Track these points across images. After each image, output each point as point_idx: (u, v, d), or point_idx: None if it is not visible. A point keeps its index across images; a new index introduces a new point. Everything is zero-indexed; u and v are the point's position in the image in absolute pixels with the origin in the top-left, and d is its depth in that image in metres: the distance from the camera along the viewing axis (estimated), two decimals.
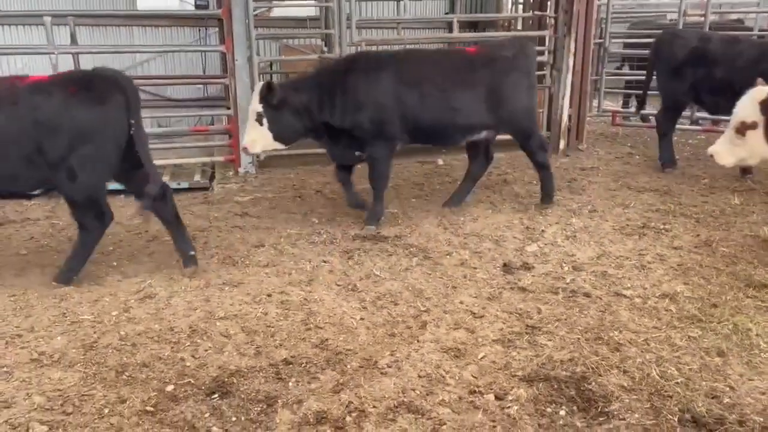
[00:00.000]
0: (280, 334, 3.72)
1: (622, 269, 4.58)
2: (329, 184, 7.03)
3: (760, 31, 9.67)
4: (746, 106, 4.49)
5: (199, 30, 11.30)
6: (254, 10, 10.47)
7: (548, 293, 4.23)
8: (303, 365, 3.39)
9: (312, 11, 10.98)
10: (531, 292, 4.26)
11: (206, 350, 3.55)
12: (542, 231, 5.46)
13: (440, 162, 7.99)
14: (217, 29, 9.62)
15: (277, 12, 12.55)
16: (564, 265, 4.71)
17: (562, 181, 7.01)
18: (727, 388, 3.07)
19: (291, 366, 3.38)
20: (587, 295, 4.17)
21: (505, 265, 4.72)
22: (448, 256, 4.94)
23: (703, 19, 8.54)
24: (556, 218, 5.77)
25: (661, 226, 5.43)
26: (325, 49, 8.36)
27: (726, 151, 4.67)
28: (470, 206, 6.17)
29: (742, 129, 4.51)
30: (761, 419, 2.82)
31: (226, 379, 3.26)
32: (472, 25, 11.32)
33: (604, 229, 5.45)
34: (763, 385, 3.09)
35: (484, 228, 5.56)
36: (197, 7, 10.81)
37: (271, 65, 11.46)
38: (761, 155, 4.58)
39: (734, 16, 11.51)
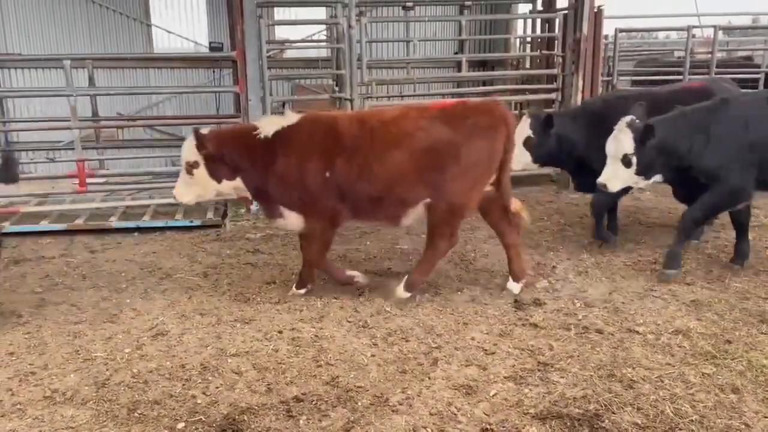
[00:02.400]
0: (291, 371, 3.72)
1: (634, 305, 4.55)
2: None
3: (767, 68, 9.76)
4: (187, 149, 4.63)
5: (213, 71, 11.59)
6: (267, 52, 10.82)
7: (560, 329, 4.21)
8: (314, 402, 3.38)
9: (324, 52, 11.25)
10: (543, 328, 4.24)
11: (217, 387, 3.55)
12: (553, 267, 5.46)
13: None
14: (230, 70, 9.88)
15: (289, 53, 12.87)
16: (576, 301, 4.69)
17: (574, 216, 7.03)
18: (743, 426, 3.02)
19: (302, 403, 3.37)
20: (599, 331, 4.14)
21: (516, 301, 4.72)
22: (459, 292, 4.95)
23: (710, 56, 8.64)
24: (567, 254, 5.77)
25: None
26: (337, 88, 8.52)
27: (184, 190, 4.78)
28: (481, 242, 6.19)
29: (189, 169, 4.65)
30: None
31: (237, 417, 3.25)
32: (481, 65, 11.53)
33: (615, 265, 5.44)
34: None
35: (494, 264, 5.56)
36: (211, 49, 11.14)
37: (283, 105, 11.70)
38: (214, 188, 4.76)
39: (742, 54, 11.65)
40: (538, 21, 9.35)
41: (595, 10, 7.96)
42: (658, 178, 5.12)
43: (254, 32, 7.00)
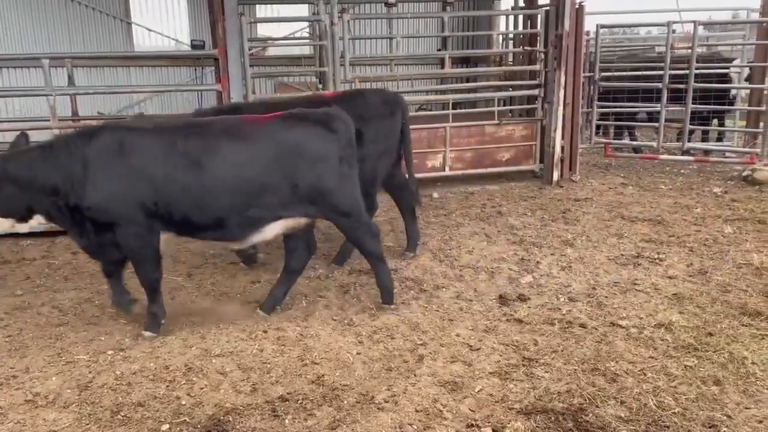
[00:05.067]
0: (276, 371, 3.70)
1: (617, 299, 4.59)
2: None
3: (748, 63, 9.87)
4: None
5: (195, 69, 11.51)
6: (250, 50, 10.74)
7: (544, 324, 4.23)
8: (299, 402, 3.36)
9: (307, 50, 11.21)
10: (527, 323, 4.27)
11: (202, 388, 3.52)
12: (537, 262, 5.48)
13: (435, 195, 8.06)
14: (212, 68, 9.80)
15: (272, 51, 12.81)
16: (560, 296, 4.72)
17: (557, 212, 7.07)
18: (725, 417, 3.06)
19: (287, 403, 3.36)
20: (583, 325, 4.17)
21: (500, 297, 4.73)
22: (444, 289, 4.96)
23: (690, 51, 8.72)
24: (551, 249, 5.80)
25: (656, 256, 5.46)
26: (320, 86, 8.48)
27: None
28: (465, 238, 6.21)
29: None
30: None
31: (222, 417, 3.23)
32: (464, 61, 11.55)
33: (598, 260, 5.48)
34: (760, 414, 3.08)
35: (479, 260, 5.58)
36: (193, 47, 11.05)
37: None
38: None
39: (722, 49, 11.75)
40: (521, 17, 9.38)
41: (577, 7, 8.00)
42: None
43: (236, 29, 6.94)
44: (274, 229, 4.30)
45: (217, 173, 4.00)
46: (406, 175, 5.74)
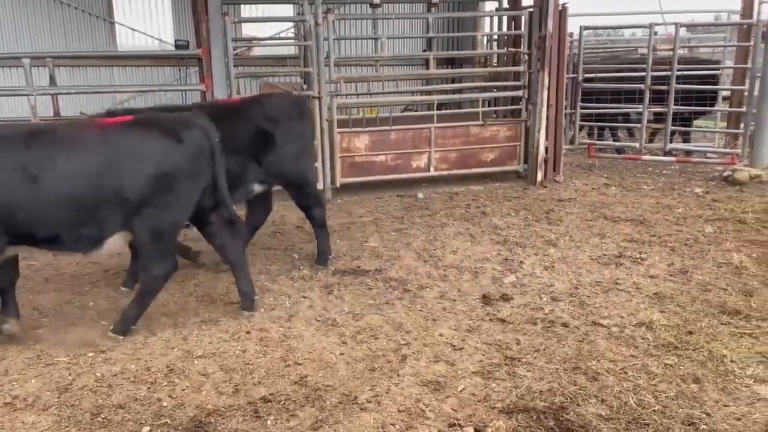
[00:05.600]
0: (259, 372, 3.68)
1: (599, 299, 4.62)
2: (307, 220, 7.06)
3: (726, 65, 10.00)
4: None
5: (180, 69, 11.44)
6: (234, 50, 10.69)
7: (527, 324, 4.25)
8: (282, 402, 3.35)
9: (293, 50, 11.18)
10: (510, 323, 4.28)
11: (183, 390, 3.50)
12: (521, 262, 5.51)
13: (420, 195, 8.07)
14: (197, 68, 9.75)
15: (257, 51, 12.77)
16: (542, 295, 4.75)
17: (540, 212, 7.11)
18: (704, 415, 3.09)
19: (269, 404, 3.34)
20: (565, 325, 4.20)
21: (484, 296, 4.75)
22: (427, 289, 4.96)
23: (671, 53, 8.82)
24: (534, 249, 5.83)
25: (637, 256, 5.51)
26: (305, 86, 8.47)
27: None
28: (450, 238, 6.22)
29: None
30: None
31: (204, 419, 3.21)
32: (450, 62, 11.58)
33: (581, 260, 5.52)
34: (738, 411, 3.11)
35: (463, 260, 5.59)
36: (177, 47, 10.98)
37: None
38: None
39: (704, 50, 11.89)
40: (505, 19, 9.42)
41: (560, 8, 8.05)
42: None
43: (219, 29, 6.92)
44: (117, 242, 4.09)
45: (46, 184, 3.71)
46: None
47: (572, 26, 10.18)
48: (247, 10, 11.83)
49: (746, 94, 8.86)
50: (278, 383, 3.56)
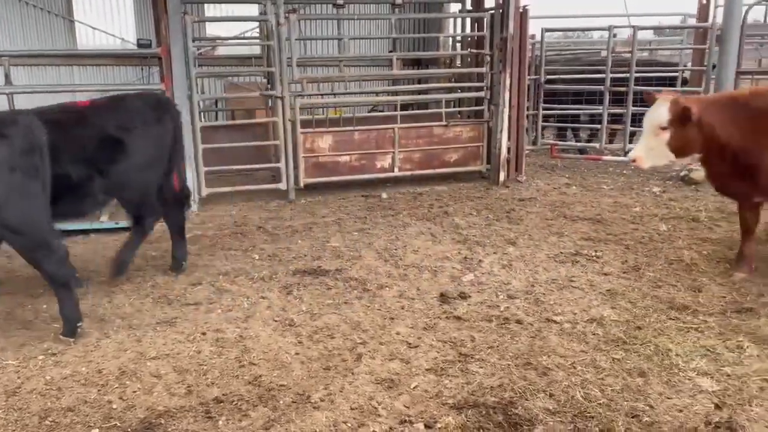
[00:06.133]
0: (213, 372, 3.67)
1: (553, 296, 4.70)
2: (272, 220, 7.05)
3: (684, 67, 10.25)
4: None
5: (142, 69, 11.29)
6: (198, 49, 10.59)
7: (482, 321, 4.30)
8: (234, 403, 3.34)
9: (257, 49, 11.12)
10: (466, 320, 4.33)
11: (134, 391, 3.47)
12: (480, 261, 5.57)
13: (384, 196, 8.10)
14: (159, 68, 9.63)
15: (222, 51, 12.67)
16: (499, 293, 4.81)
17: (502, 211, 7.20)
18: (647, 407, 3.17)
19: (222, 404, 3.33)
20: (519, 322, 4.26)
21: (442, 295, 4.79)
22: (387, 288, 4.99)
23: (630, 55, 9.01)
24: (494, 248, 5.90)
25: (593, 254, 5.61)
26: (269, 86, 8.44)
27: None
28: (412, 238, 6.26)
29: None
30: None
31: (154, 420, 3.19)
32: (416, 63, 11.63)
33: (539, 258, 5.60)
34: (680, 403, 3.20)
35: (423, 259, 5.64)
36: (139, 46, 10.84)
37: (216, 102, 11.53)
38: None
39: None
40: (468, 20, 9.50)
41: (521, 10, 8.16)
42: None
43: (179, 28, 6.85)
44: None
45: None
46: (178, 188, 5.42)
47: (535, 28, 10.35)
48: (211, 10, 11.73)
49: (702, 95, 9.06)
50: (232, 384, 3.55)
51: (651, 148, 4.77)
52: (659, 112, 4.70)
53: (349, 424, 3.15)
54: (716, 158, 4.75)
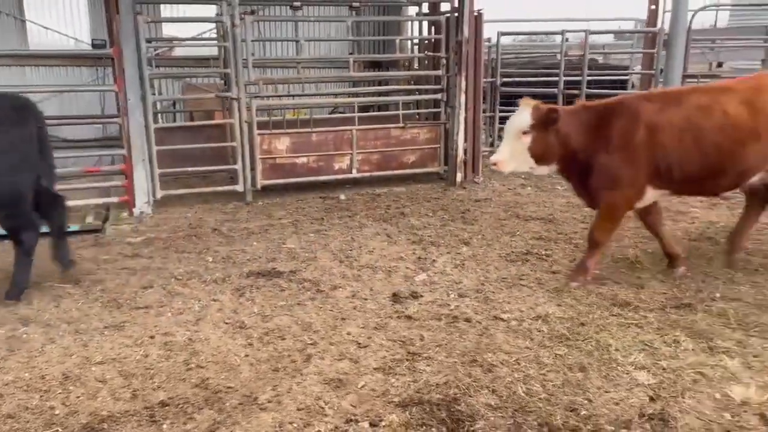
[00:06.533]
0: (159, 376, 3.64)
1: (503, 294, 4.79)
2: (227, 222, 7.02)
3: (633, 71, 10.54)
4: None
5: (97, 69, 11.08)
6: (155, 50, 10.46)
7: (432, 320, 4.36)
8: (179, 406, 3.33)
9: (215, 50, 11.01)
10: (416, 320, 4.39)
11: (78, 397, 3.42)
12: (433, 261, 5.64)
13: (342, 197, 8.13)
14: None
15: (180, 51, 12.50)
16: (450, 292, 4.88)
17: (457, 212, 7.30)
18: (586, 401, 3.27)
19: (167, 408, 3.32)
20: (468, 320, 4.34)
21: (394, 295, 4.84)
22: (340, 289, 5.02)
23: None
24: (447, 248, 5.98)
25: (543, 252, 5.74)
26: (225, 87, 8.38)
27: None
28: (368, 239, 6.30)
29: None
30: (612, 428, 3.03)
31: (97, 426, 3.16)
32: (376, 65, 11.68)
33: (491, 257, 5.70)
34: (617, 396, 3.31)
35: (378, 260, 5.68)
36: (94, 46, 10.63)
37: (174, 104, 11.38)
38: None
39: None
40: (425, 23, 9.60)
41: (475, 14, 8.29)
42: None
43: (131, 29, 6.77)
44: None
45: None
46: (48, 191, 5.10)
47: (491, 32, 10.51)
48: (168, 10, 11.58)
49: None
50: (178, 387, 3.54)
51: (513, 152, 4.82)
52: (522, 117, 4.76)
53: (295, 425, 3.16)
54: (572, 168, 4.90)
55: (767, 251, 5.51)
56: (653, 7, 9.45)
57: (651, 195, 4.88)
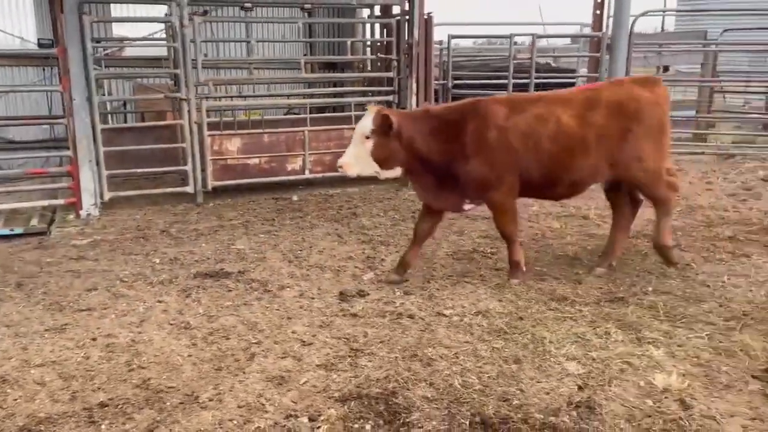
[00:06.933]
0: (100, 378, 3.63)
1: (447, 291, 4.90)
2: (177, 224, 6.97)
3: (579, 74, 10.85)
4: None
5: (44, 69, 10.84)
6: (105, 50, 10.28)
7: (377, 317, 4.45)
8: (119, 407, 3.33)
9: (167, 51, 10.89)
10: (362, 317, 4.46)
11: (15, 399, 3.39)
12: (382, 260, 5.74)
13: (295, 198, 8.16)
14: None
15: (132, 51, 12.32)
16: (396, 290, 4.97)
17: (408, 212, 7.41)
18: (518, 392, 3.39)
19: (106, 409, 3.31)
20: (411, 316, 4.43)
21: (341, 293, 4.90)
22: (288, 289, 5.06)
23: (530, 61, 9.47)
24: (397, 247, 6.07)
25: (488, 251, 5.89)
26: (175, 88, 8.32)
27: None
28: (318, 239, 6.35)
29: None
30: (542, 416, 3.15)
31: (34, 428, 3.14)
32: (332, 66, 11.72)
33: (438, 255, 5.83)
34: (548, 386, 3.44)
35: (327, 260, 5.74)
36: (40, 46, 10.42)
37: (125, 104, 11.20)
38: None
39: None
40: (377, 26, 9.69)
41: (425, 17, 8.42)
42: None
43: (76, 28, 6.67)
44: None
45: None
46: None
47: (444, 35, 10.68)
48: (118, 10, 11.41)
49: None
50: (119, 388, 3.53)
51: (357, 156, 4.86)
52: (364, 122, 4.82)
53: (235, 422, 3.20)
54: (420, 171, 4.97)
55: (700, 246, 5.78)
56: (598, 12, 9.75)
57: None
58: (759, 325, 4.10)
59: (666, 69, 15.35)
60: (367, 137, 4.80)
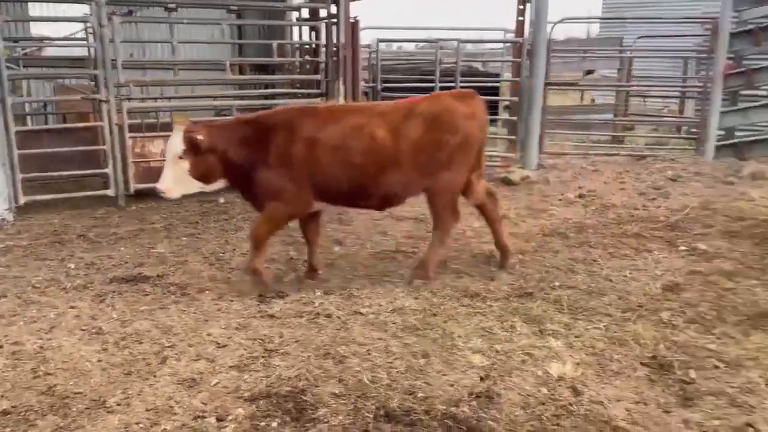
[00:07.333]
0: (4, 386, 3.56)
1: (366, 290, 5.00)
2: (96, 228, 6.82)
3: (501, 78, 11.21)
4: None
5: None
6: (24, 49, 9.93)
7: (294, 318, 4.49)
8: (22, 414, 3.28)
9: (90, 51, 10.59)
10: (278, 318, 4.50)
11: None
12: (304, 260, 5.78)
13: (221, 200, 8.09)
14: None
15: (53, 51, 11.94)
16: (316, 290, 5.02)
17: (333, 213, 7.47)
18: (424, 385, 3.53)
19: (8, 416, 3.26)
20: (329, 316, 4.51)
21: (260, 295, 4.93)
22: (207, 292, 5.05)
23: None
24: (320, 248, 6.10)
25: (410, 250, 6.04)
26: (96, 89, 8.12)
27: None
28: (242, 242, 6.34)
29: None
30: (444, 407, 3.29)
31: None
32: (262, 68, 11.66)
33: (361, 255, 5.93)
34: (453, 378, 3.59)
35: None
36: None
37: (45, 106, 10.84)
38: None
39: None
40: (306, 29, 9.73)
41: (352, 21, 8.53)
42: None
43: None
44: None
45: None
46: None
47: (371, 38, 10.81)
48: (37, 9, 11.03)
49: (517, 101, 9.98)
50: (23, 395, 3.47)
51: (176, 178, 4.77)
52: (174, 142, 4.72)
53: (142, 425, 3.20)
54: (240, 181, 4.97)
55: (608, 243, 6.10)
56: (520, 18, 10.08)
57: (316, 205, 5.10)
58: (652, 316, 4.39)
59: (589, 72, 16.04)
60: (181, 157, 4.72)
